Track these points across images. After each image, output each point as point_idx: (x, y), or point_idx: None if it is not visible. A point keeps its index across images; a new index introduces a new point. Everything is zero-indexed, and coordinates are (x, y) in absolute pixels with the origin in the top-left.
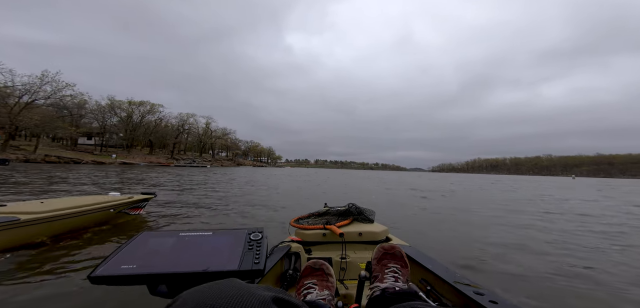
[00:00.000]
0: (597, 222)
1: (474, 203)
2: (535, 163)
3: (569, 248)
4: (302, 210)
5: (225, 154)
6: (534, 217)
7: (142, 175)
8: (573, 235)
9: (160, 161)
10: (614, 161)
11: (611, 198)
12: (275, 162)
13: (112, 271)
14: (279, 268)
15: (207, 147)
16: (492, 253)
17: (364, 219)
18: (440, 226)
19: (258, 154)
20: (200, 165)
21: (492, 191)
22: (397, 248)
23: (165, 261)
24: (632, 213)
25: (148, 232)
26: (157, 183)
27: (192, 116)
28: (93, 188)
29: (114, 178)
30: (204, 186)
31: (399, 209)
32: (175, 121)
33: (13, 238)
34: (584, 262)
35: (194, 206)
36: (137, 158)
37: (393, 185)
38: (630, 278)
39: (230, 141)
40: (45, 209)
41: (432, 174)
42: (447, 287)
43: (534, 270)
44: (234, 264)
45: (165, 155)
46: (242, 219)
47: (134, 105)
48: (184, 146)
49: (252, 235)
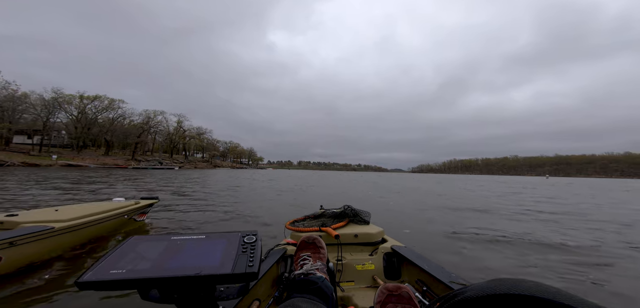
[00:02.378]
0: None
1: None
2: (504, 164)
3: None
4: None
5: (202, 156)
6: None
7: (61, 183)
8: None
9: (118, 163)
10: (571, 161)
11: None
12: (256, 163)
13: (101, 276)
14: (275, 271)
15: (180, 148)
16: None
17: (360, 221)
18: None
19: (238, 155)
20: (166, 167)
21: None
22: (404, 289)
23: (156, 265)
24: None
25: (138, 236)
26: (43, 196)
27: (161, 113)
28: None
29: (13, 184)
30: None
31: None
32: (139, 119)
33: (51, 247)
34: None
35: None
36: (88, 159)
37: (397, 191)
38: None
39: (207, 141)
40: (66, 217)
41: (414, 175)
42: (442, 286)
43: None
44: (227, 268)
45: (127, 156)
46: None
47: (87, 100)
48: (151, 146)
49: (246, 238)
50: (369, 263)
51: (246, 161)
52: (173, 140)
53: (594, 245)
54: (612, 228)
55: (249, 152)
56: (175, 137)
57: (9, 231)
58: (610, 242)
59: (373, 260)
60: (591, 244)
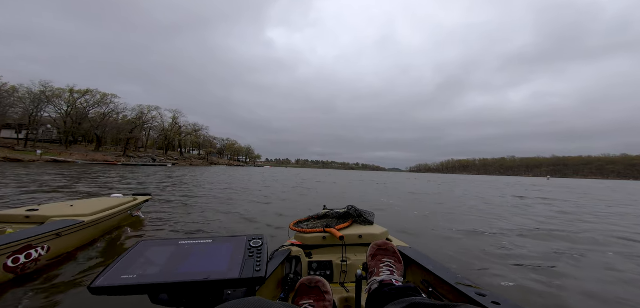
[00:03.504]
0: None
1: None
2: (501, 165)
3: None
4: None
5: (198, 153)
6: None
7: (44, 179)
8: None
9: (108, 159)
10: (568, 162)
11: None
12: (254, 161)
13: (113, 281)
14: (280, 272)
15: (175, 144)
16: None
17: (364, 221)
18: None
19: (235, 152)
20: (159, 164)
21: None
22: (390, 245)
23: (165, 270)
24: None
25: (146, 241)
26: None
27: (156, 109)
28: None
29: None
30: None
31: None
32: (132, 114)
33: (82, 238)
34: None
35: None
36: (76, 155)
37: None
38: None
39: (203, 138)
40: (88, 212)
41: (412, 174)
42: (448, 288)
43: None
44: (235, 272)
45: (119, 152)
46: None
47: (78, 94)
48: (145, 142)
49: (252, 242)
50: None
51: (244, 159)
52: (168, 136)
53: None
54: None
55: (247, 150)
56: (171, 133)
57: (51, 223)
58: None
59: None
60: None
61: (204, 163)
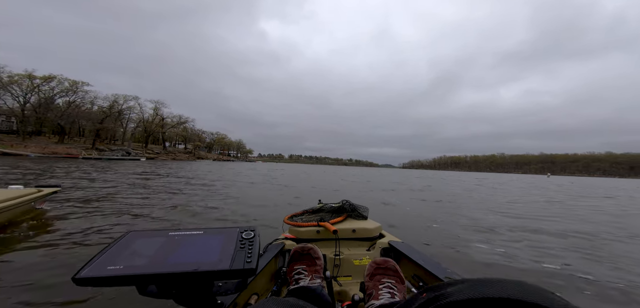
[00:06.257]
0: None
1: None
2: (492, 162)
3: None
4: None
5: (184, 146)
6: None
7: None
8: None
9: (71, 152)
10: (556, 160)
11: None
12: (245, 156)
13: (98, 272)
14: (273, 265)
15: (158, 138)
16: None
17: (358, 216)
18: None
19: (225, 147)
20: (132, 158)
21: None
22: (391, 262)
23: (154, 261)
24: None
25: (135, 231)
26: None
27: (134, 98)
28: None
29: None
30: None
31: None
32: (104, 103)
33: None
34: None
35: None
36: (32, 147)
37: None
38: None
39: (190, 131)
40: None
41: (405, 171)
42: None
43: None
44: (225, 263)
45: (87, 144)
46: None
47: (41, 80)
48: (121, 134)
49: (244, 233)
50: (366, 258)
51: (235, 153)
52: (148, 128)
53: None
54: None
55: (238, 144)
56: (152, 125)
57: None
58: None
59: (370, 255)
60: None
61: (190, 158)
